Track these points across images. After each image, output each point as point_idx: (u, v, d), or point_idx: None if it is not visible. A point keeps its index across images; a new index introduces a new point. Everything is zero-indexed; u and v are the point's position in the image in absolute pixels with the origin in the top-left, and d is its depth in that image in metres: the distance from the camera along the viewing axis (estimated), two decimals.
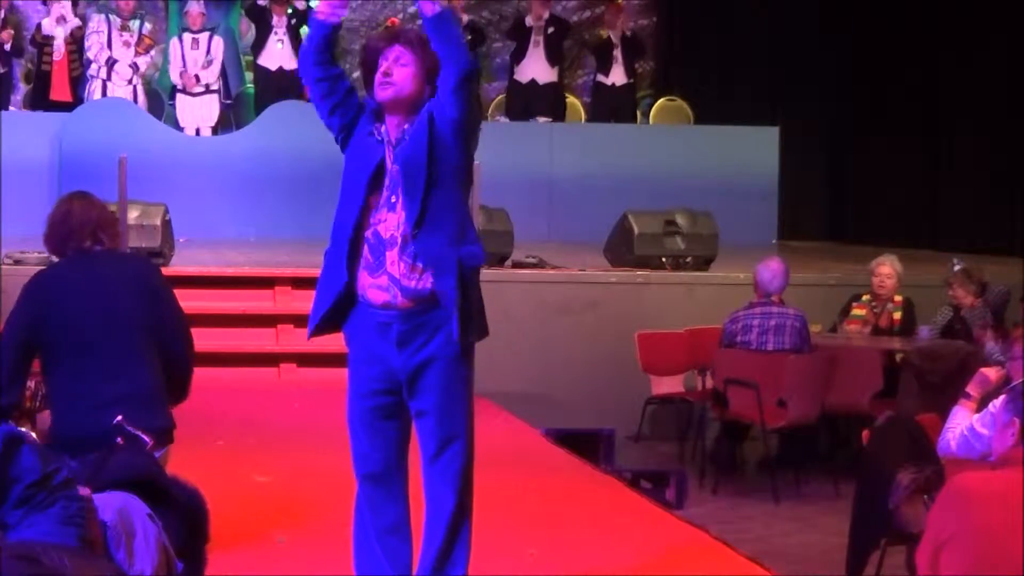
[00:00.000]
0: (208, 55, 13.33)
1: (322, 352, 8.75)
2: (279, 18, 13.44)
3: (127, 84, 13.21)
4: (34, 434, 4.48)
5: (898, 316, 9.49)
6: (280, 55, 13.43)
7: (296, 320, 9.67)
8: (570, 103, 14.90)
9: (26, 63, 13.78)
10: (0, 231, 9.80)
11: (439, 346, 4.37)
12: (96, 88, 13.16)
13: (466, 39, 4.68)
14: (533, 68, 14.09)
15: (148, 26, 13.47)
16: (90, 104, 13.05)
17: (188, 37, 13.38)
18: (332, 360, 7.68)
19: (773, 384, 8.39)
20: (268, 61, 13.52)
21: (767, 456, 8.81)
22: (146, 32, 13.35)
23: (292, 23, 13.43)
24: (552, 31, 14.12)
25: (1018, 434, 3.83)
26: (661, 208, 10.95)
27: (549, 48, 14.08)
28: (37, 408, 5.03)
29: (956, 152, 14.13)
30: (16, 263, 9.40)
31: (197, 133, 13.34)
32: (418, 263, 4.35)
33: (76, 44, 13.28)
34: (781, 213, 14.12)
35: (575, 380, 9.93)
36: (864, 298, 9.61)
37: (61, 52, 13.26)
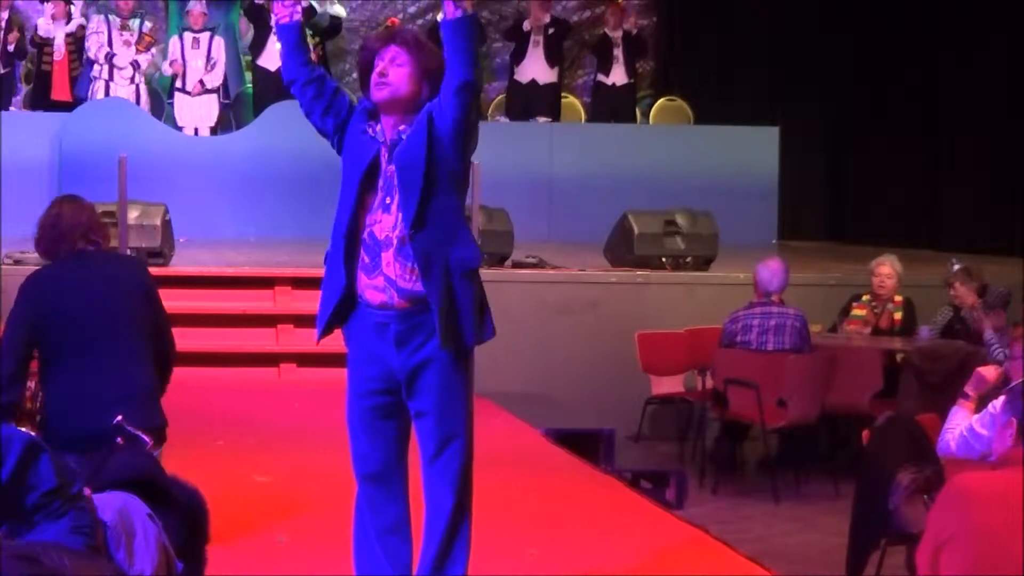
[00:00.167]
0: (210, 57, 13.32)
1: (322, 352, 8.67)
2: None
3: (129, 83, 13.21)
4: (34, 434, 4.49)
5: (899, 316, 9.48)
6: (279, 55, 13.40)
7: (296, 320, 9.67)
8: (570, 103, 14.90)
9: (26, 63, 13.77)
10: (0, 231, 9.79)
11: (437, 346, 4.36)
12: (99, 89, 13.16)
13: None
14: (533, 68, 14.09)
15: (148, 24, 13.46)
16: (90, 104, 13.04)
17: (189, 36, 13.37)
18: (332, 360, 7.66)
19: (773, 384, 8.39)
20: (267, 61, 13.49)
21: (767, 456, 8.81)
22: (146, 30, 13.34)
23: None
24: (552, 32, 14.12)
25: (1016, 434, 3.82)
26: (661, 208, 10.95)
27: (549, 49, 14.08)
28: (38, 409, 5.03)
29: (956, 152, 14.13)
30: (16, 263, 9.40)
31: (196, 133, 13.33)
32: (413, 264, 4.34)
33: (76, 44, 13.28)
34: (781, 213, 14.11)
35: (575, 380, 9.92)
36: (864, 298, 9.60)
37: (61, 52, 13.27)
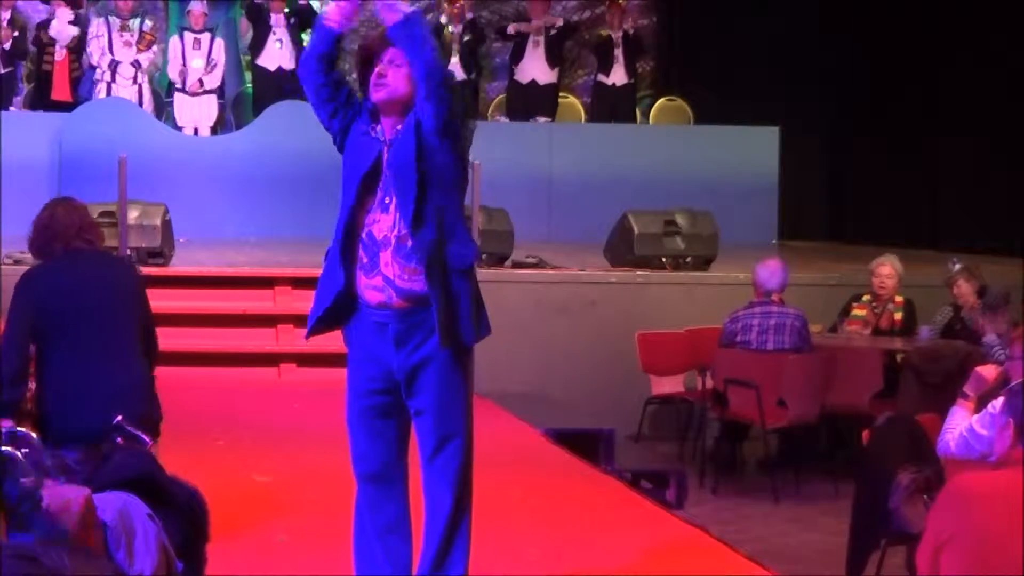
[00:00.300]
0: (211, 58, 13.32)
1: (322, 352, 8.75)
2: (277, 17, 13.41)
3: (132, 84, 13.20)
4: (34, 434, 4.50)
5: (899, 316, 9.47)
6: (279, 55, 13.41)
7: (296, 320, 9.67)
8: (570, 103, 14.90)
9: (27, 63, 13.77)
10: (0, 231, 9.79)
11: (435, 346, 4.36)
12: (102, 91, 13.15)
13: (438, 40, 4.66)
14: (533, 69, 14.09)
15: (148, 23, 13.46)
16: (90, 104, 13.03)
17: (189, 36, 13.37)
18: (332, 360, 7.68)
19: (773, 384, 8.39)
20: (267, 61, 13.50)
21: (767, 456, 8.82)
22: (146, 29, 13.34)
23: (291, 23, 13.42)
24: (553, 33, 14.11)
25: (1014, 434, 3.83)
26: (661, 208, 10.95)
27: (549, 50, 14.07)
28: (35, 408, 5.04)
29: (956, 152, 14.12)
30: (16, 263, 9.38)
31: (196, 133, 13.33)
32: (412, 264, 4.35)
33: (77, 45, 13.27)
34: (781, 213, 14.10)
35: (575, 380, 9.92)
36: (864, 298, 9.60)
37: (62, 52, 13.26)
